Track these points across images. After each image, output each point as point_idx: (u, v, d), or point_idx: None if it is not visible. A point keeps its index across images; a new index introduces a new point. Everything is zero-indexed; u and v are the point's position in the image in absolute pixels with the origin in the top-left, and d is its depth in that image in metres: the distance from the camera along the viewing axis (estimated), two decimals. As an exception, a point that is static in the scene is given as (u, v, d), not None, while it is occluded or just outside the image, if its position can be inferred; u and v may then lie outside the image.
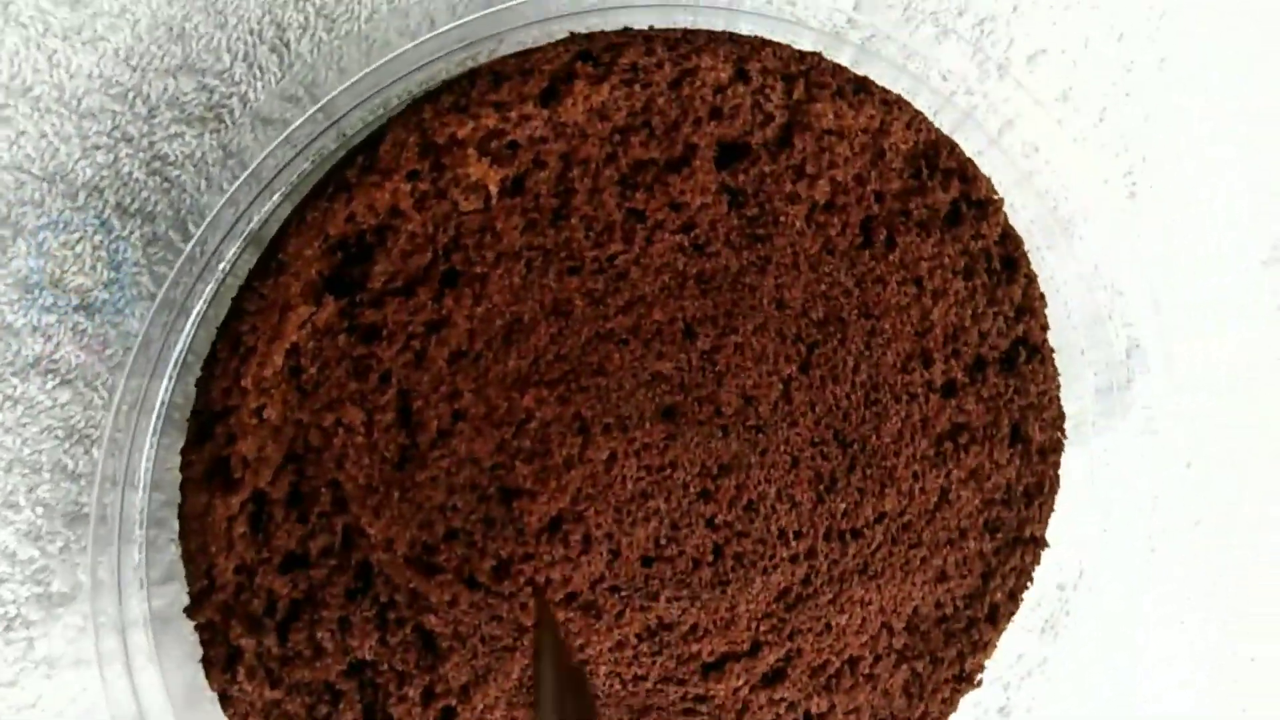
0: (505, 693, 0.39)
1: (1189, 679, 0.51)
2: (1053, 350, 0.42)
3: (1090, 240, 0.45)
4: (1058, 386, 0.43)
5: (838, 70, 0.37)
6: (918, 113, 0.38)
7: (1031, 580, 0.44)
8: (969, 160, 0.39)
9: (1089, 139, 0.48)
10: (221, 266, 0.37)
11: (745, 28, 0.37)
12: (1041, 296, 0.41)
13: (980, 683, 0.44)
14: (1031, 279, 0.41)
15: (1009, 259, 0.41)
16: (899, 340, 0.40)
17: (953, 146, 0.39)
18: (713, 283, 0.38)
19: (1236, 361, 0.50)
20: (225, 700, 0.37)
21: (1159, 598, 0.51)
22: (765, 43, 0.36)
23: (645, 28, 0.36)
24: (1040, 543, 0.44)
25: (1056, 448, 0.43)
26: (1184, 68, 0.48)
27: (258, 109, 0.40)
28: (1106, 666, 0.51)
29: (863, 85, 0.37)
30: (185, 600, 0.40)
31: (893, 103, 0.37)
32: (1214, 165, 0.48)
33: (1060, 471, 0.43)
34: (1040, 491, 0.43)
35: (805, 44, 0.37)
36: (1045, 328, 0.42)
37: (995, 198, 0.40)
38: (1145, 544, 0.50)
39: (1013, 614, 0.44)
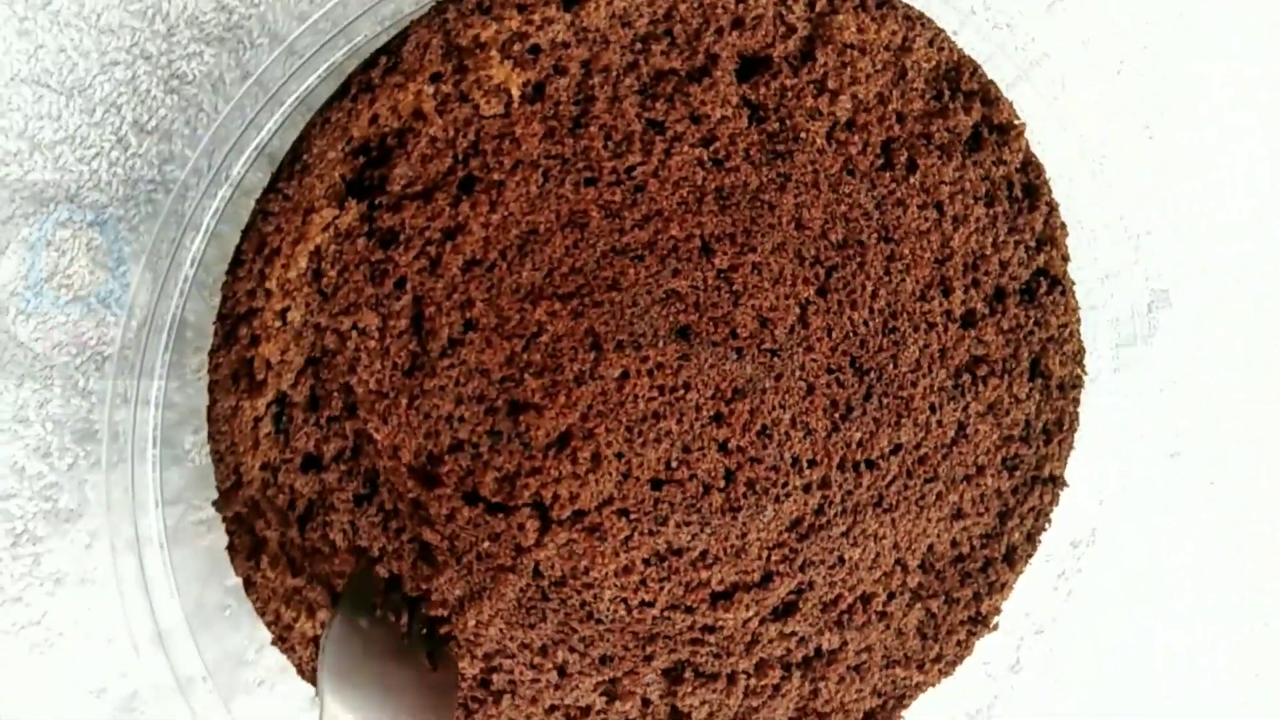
0: (500, 612, 0.39)
1: (1201, 642, 0.50)
2: (1074, 283, 0.42)
3: (1117, 189, 0.45)
4: (1078, 320, 0.42)
5: None
6: (940, 31, 0.38)
7: (1050, 522, 0.44)
8: (991, 83, 0.39)
9: (1107, 91, 0.48)
10: (230, 179, 0.38)
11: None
12: (1063, 226, 0.41)
13: (996, 626, 0.44)
14: (1053, 208, 0.41)
15: (1030, 187, 0.41)
16: (918, 267, 0.40)
17: (975, 68, 0.39)
18: (732, 199, 0.38)
19: (1256, 327, 0.49)
20: (249, 586, 0.37)
21: (1172, 559, 0.50)
22: None
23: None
24: (1059, 482, 0.43)
25: (1076, 383, 0.43)
26: (1204, 34, 0.47)
27: (276, 30, 0.40)
28: (1118, 626, 0.50)
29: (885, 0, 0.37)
30: (190, 521, 0.40)
31: (915, 19, 0.37)
32: (1234, 132, 0.48)
33: (1079, 410, 0.43)
34: (1060, 428, 0.43)
35: None
36: (1066, 259, 0.41)
37: (1017, 123, 0.40)
38: (1160, 503, 0.50)
39: (1030, 556, 0.44)
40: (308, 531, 0.37)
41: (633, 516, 0.39)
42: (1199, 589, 0.50)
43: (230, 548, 0.37)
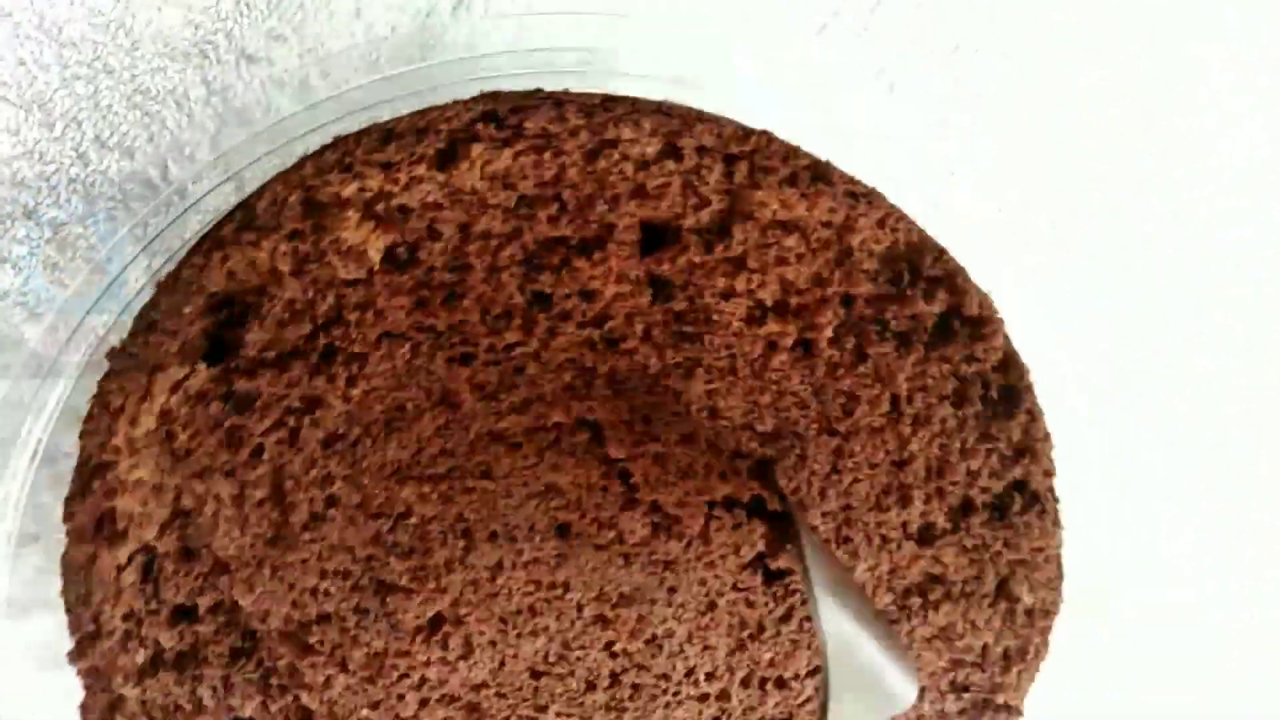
0: (384, 777, 0.36)
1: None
2: (1057, 501, 0.33)
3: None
4: (1059, 544, 0.34)
5: (791, 154, 0.29)
6: (893, 209, 0.30)
7: (1002, 756, 0.36)
8: (960, 269, 0.31)
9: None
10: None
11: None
12: (1046, 437, 0.32)
13: None
14: (1035, 416, 0.32)
15: (1009, 389, 0.32)
16: (875, 468, 0.32)
17: (940, 252, 0.30)
18: (628, 383, 0.31)
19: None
20: None
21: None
22: (702, 116, 0.29)
23: (561, 90, 0.30)
24: (1014, 711, 0.36)
25: (1049, 610, 0.34)
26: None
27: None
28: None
29: (821, 173, 0.29)
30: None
31: (860, 196, 0.29)
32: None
33: (1049, 639, 0.35)
34: (1022, 657, 0.35)
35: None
36: (1050, 474, 0.33)
37: (994, 315, 0.31)
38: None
39: None
40: (173, 687, 0.34)
41: (510, 700, 0.35)
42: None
43: (83, 706, 0.34)
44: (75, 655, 0.35)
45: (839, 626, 0.27)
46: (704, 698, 0.34)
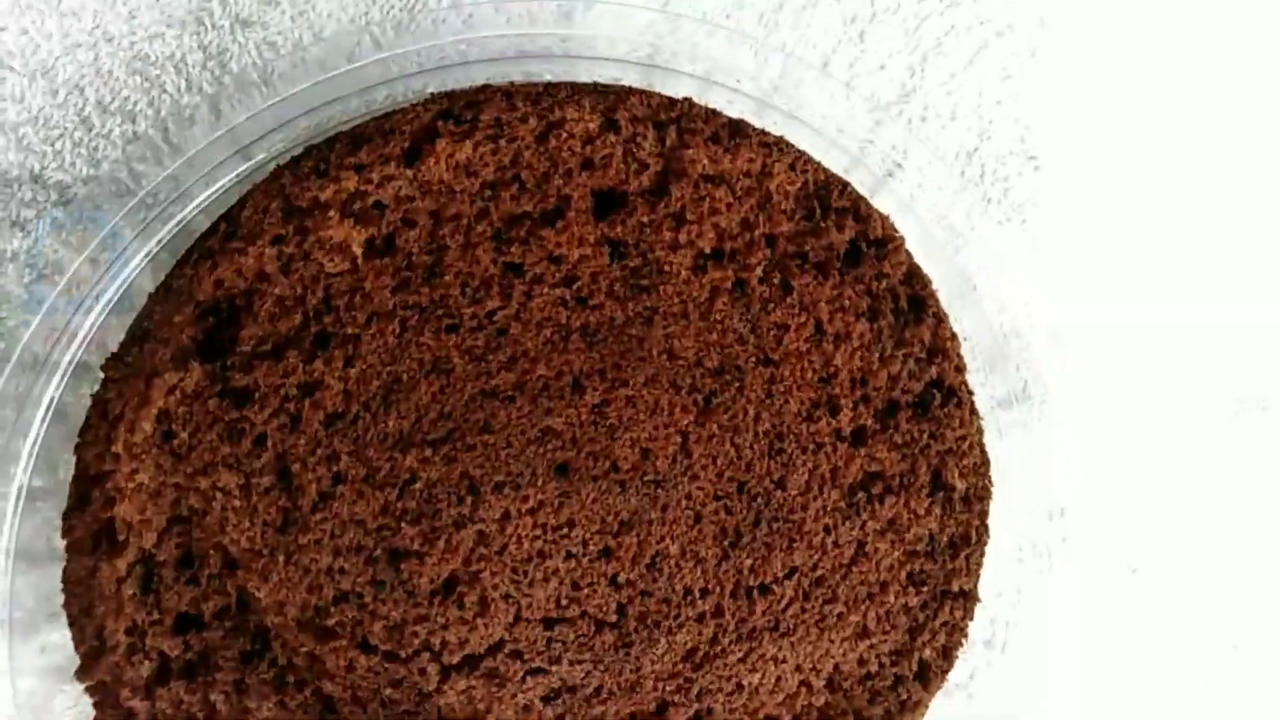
0: (408, 757, 0.36)
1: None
2: (971, 392, 0.38)
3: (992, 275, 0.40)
4: (979, 430, 0.38)
5: (711, 115, 0.33)
6: (801, 154, 0.33)
7: (966, 637, 0.39)
8: (861, 198, 0.35)
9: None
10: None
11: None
12: (954, 336, 0.36)
13: (911, 745, 0.40)
14: (941, 318, 0.36)
15: (916, 299, 0.36)
16: (801, 388, 0.35)
17: (844, 185, 0.34)
18: (598, 335, 0.33)
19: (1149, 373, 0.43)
20: None
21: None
22: (632, 91, 0.32)
23: (506, 83, 0.34)
24: (971, 597, 0.38)
25: (983, 496, 0.38)
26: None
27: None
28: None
29: (738, 129, 0.33)
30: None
31: (773, 145, 0.33)
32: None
33: (988, 522, 0.39)
34: (967, 543, 0.38)
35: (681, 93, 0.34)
36: (961, 369, 0.36)
37: (895, 235, 0.36)
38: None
39: (946, 672, 0.39)
40: (184, 696, 0.33)
41: (526, 657, 0.35)
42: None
43: None
44: (81, 672, 0.34)
45: None
46: (700, 617, 0.36)
